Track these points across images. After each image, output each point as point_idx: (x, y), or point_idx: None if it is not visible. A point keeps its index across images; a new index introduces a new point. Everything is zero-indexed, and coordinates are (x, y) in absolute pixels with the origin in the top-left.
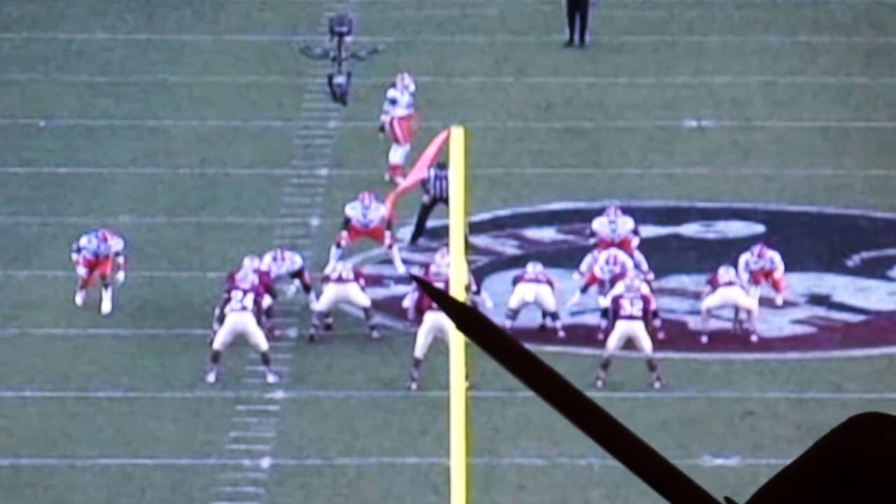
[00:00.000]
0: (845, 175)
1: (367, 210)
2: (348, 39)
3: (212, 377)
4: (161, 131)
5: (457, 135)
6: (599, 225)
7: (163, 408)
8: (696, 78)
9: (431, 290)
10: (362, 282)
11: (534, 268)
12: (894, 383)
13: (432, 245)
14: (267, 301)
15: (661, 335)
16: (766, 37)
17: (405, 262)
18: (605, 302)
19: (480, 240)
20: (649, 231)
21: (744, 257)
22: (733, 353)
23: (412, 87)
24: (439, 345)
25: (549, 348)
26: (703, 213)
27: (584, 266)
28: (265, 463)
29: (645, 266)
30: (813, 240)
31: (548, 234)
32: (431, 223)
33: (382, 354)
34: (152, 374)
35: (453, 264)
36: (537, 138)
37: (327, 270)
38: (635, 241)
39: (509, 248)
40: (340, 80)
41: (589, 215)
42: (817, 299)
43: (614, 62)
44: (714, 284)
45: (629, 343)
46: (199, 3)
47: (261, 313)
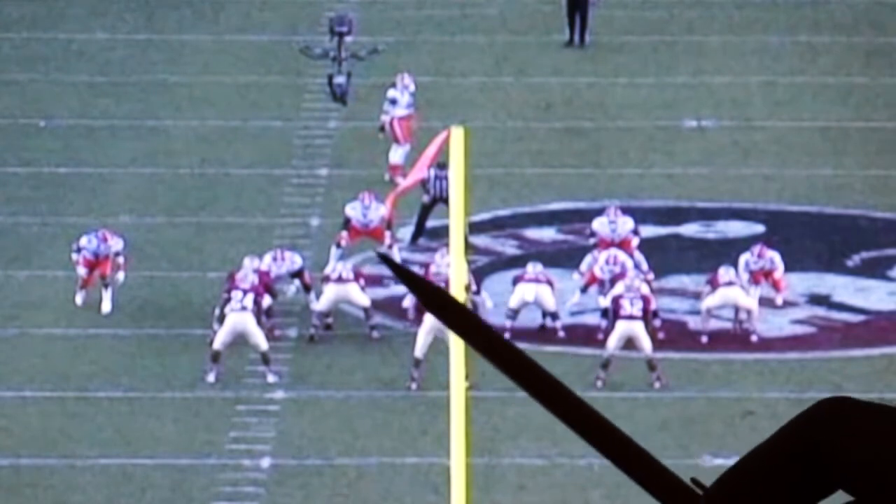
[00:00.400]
0: (845, 175)
1: (367, 210)
2: (348, 39)
3: (212, 377)
4: (161, 131)
5: (457, 135)
6: (599, 225)
7: (163, 408)
8: (696, 78)
9: (395, 268)
10: (362, 282)
11: (534, 268)
12: (894, 383)
13: (432, 245)
14: (267, 301)
15: (661, 335)
16: (766, 37)
17: (405, 261)
18: (605, 302)
19: (480, 240)
20: (649, 231)
21: (744, 257)
22: (733, 353)
23: (412, 87)
24: (439, 345)
25: (549, 348)
26: (703, 213)
27: (584, 266)
28: (265, 463)
29: (645, 266)
30: (813, 240)
31: (548, 234)
32: (431, 223)
33: (382, 354)
34: (152, 374)
35: (453, 264)
36: (537, 138)
37: (327, 270)
38: (635, 241)
39: (509, 248)
40: (340, 80)
41: (589, 215)
42: (817, 299)
43: (614, 62)
44: (714, 284)
45: (629, 343)
46: (199, 3)
47: (261, 313)
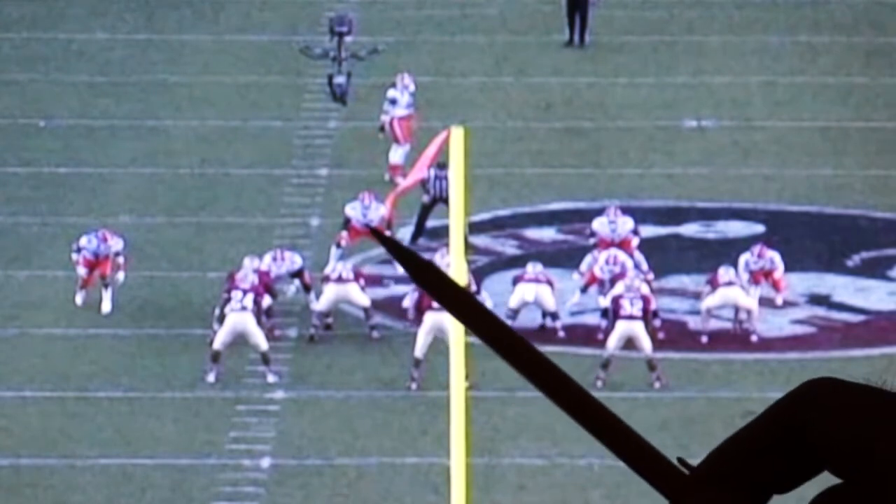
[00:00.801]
0: (845, 175)
1: (367, 210)
2: (348, 39)
3: (212, 377)
4: (161, 131)
5: (457, 135)
6: (599, 225)
7: (163, 408)
8: (696, 78)
9: (386, 241)
10: (362, 282)
11: (534, 268)
12: (895, 383)
13: (432, 245)
14: (267, 301)
15: (661, 335)
16: (766, 37)
17: None
18: (605, 302)
19: (480, 240)
20: (649, 231)
21: (744, 257)
22: (733, 353)
23: (412, 87)
24: (439, 345)
25: (549, 348)
26: (703, 213)
27: (584, 266)
28: (265, 463)
29: (645, 266)
30: (813, 240)
31: (548, 234)
32: (431, 223)
33: (382, 354)
34: (152, 374)
35: (453, 264)
36: (537, 138)
37: (327, 270)
38: (635, 241)
39: (509, 248)
40: (340, 80)
41: (589, 215)
42: (817, 299)
43: (614, 62)
44: (714, 284)
45: (629, 343)
46: (199, 3)
47: (261, 313)
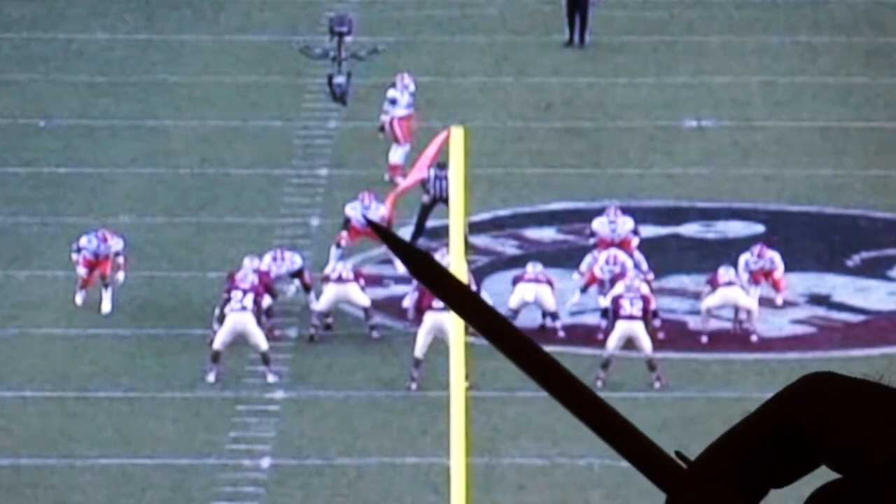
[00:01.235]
0: (845, 175)
1: (367, 210)
2: (348, 39)
3: (212, 377)
4: (161, 131)
5: (457, 135)
6: (599, 225)
7: (163, 408)
8: (696, 78)
9: (383, 233)
10: (362, 282)
11: (534, 268)
12: (894, 383)
13: (432, 245)
14: (267, 301)
15: (661, 335)
16: (766, 37)
17: None
18: (605, 302)
19: (480, 240)
20: (649, 231)
21: (744, 257)
22: (733, 353)
23: (412, 87)
24: (439, 345)
25: (549, 348)
26: (703, 213)
27: (584, 266)
28: (265, 463)
29: (645, 266)
30: (813, 240)
31: (548, 234)
32: (431, 223)
33: (382, 354)
34: (152, 374)
35: (453, 264)
36: (537, 138)
37: (327, 270)
38: (635, 241)
39: (509, 248)
40: (340, 80)
41: (589, 215)
42: (817, 299)
43: (614, 62)
44: (714, 284)
45: (629, 343)
46: (199, 3)
47: (261, 313)
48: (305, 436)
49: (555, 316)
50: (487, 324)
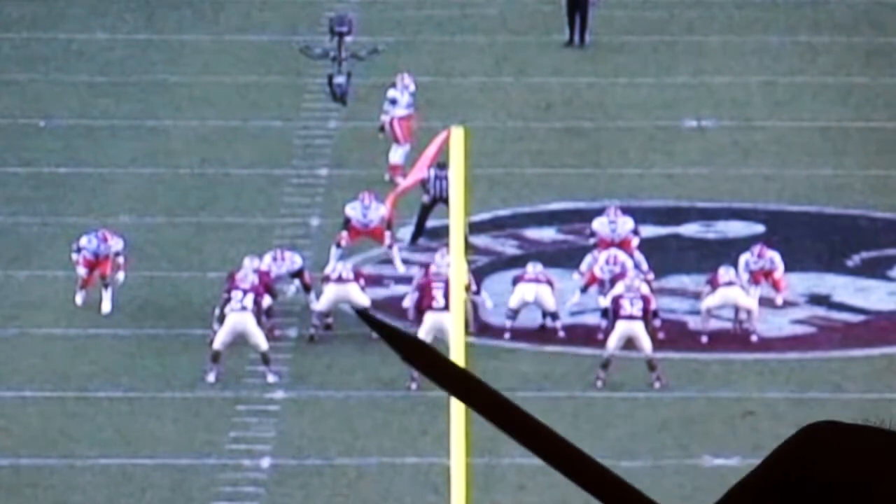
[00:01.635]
0: (845, 175)
1: (367, 210)
2: (348, 39)
3: (212, 377)
4: (161, 131)
5: (457, 135)
6: (599, 225)
7: (163, 408)
8: (696, 78)
9: (374, 323)
10: (362, 282)
11: (534, 268)
12: (894, 383)
13: (432, 245)
14: (267, 301)
15: (661, 335)
16: (766, 37)
17: (405, 262)
18: (605, 302)
19: (480, 240)
20: (649, 231)
21: (744, 257)
22: (733, 353)
23: (412, 87)
24: (439, 345)
25: (549, 348)
26: (703, 213)
27: (584, 266)
28: (265, 463)
29: (645, 266)
30: (813, 240)
31: (548, 234)
32: (431, 223)
33: (382, 354)
34: (152, 374)
35: (453, 264)
36: (537, 138)
37: (327, 270)
38: (635, 241)
39: (509, 248)
40: (340, 80)
41: (589, 215)
42: (817, 299)
43: (614, 62)
44: (714, 284)
45: (629, 343)
46: (199, 3)
47: (261, 313)
48: (305, 436)
49: (555, 316)
50: (487, 403)
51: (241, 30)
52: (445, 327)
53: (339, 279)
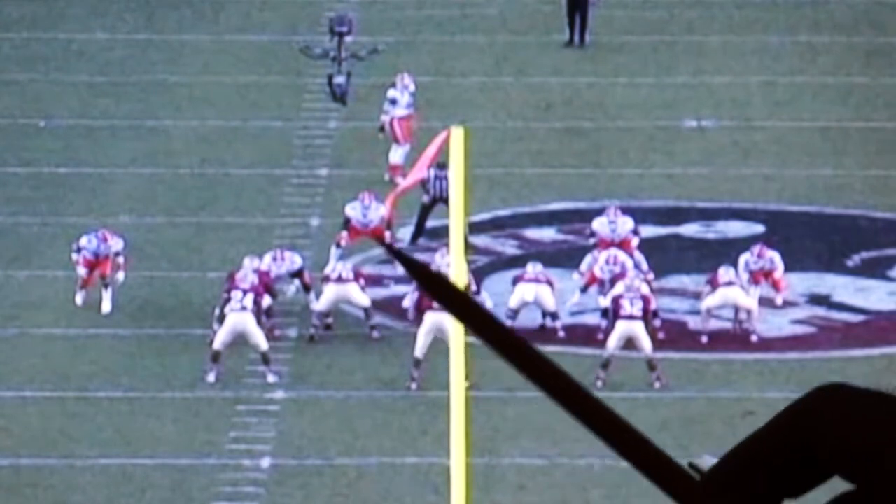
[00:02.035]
0: (845, 175)
1: (367, 210)
2: (348, 39)
3: (212, 377)
4: (161, 131)
5: (457, 135)
6: (599, 225)
7: (163, 408)
8: (696, 78)
9: (399, 255)
10: (362, 282)
11: (534, 268)
12: (894, 383)
13: (432, 245)
14: (267, 301)
15: (661, 335)
16: (766, 37)
17: None
18: (605, 302)
19: (480, 240)
20: (649, 231)
21: (744, 257)
22: (733, 353)
23: (412, 87)
24: (439, 345)
25: (549, 348)
26: (703, 213)
27: (584, 266)
28: (265, 463)
29: (645, 266)
30: (813, 240)
31: (548, 234)
32: (431, 223)
33: (382, 354)
34: (152, 374)
35: (453, 264)
36: (537, 138)
37: (327, 270)
38: (635, 241)
39: (509, 248)
40: (340, 80)
41: (589, 215)
42: (817, 299)
43: (614, 62)
44: (714, 284)
45: (629, 343)
46: (199, 3)
47: (261, 313)
48: (305, 436)
49: (555, 316)
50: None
51: (241, 30)
52: (445, 327)
53: (339, 279)
